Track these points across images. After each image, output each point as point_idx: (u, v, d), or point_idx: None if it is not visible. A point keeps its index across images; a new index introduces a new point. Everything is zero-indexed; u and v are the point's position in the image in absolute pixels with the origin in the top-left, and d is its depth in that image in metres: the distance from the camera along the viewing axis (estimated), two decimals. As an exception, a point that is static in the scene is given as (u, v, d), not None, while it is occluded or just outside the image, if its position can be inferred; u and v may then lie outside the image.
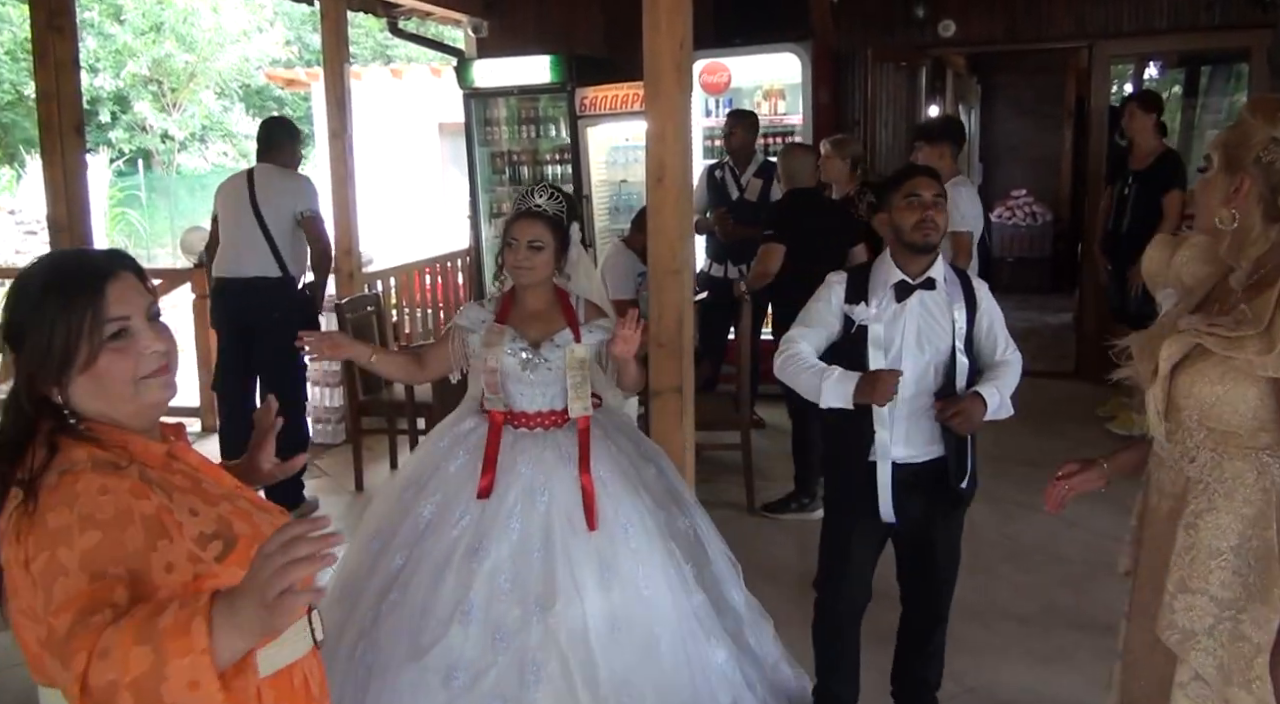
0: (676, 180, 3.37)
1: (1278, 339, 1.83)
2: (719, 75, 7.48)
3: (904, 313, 2.92)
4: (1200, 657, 1.98)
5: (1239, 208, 1.95)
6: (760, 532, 5.05)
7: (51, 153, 4.77)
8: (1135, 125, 6.16)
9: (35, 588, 1.35)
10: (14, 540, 1.39)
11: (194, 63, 19.76)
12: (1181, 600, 2.01)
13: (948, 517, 3.08)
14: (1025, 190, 11.45)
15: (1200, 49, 8.48)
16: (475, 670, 2.79)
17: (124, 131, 19.99)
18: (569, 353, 3.04)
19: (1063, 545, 4.75)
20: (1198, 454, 2.04)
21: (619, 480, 3.08)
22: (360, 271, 6.73)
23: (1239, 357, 1.89)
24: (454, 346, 3.17)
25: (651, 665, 2.89)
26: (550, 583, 2.86)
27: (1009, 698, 3.57)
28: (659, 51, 3.31)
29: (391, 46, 19.76)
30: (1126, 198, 6.22)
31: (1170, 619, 2.02)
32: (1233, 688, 1.95)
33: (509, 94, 8.50)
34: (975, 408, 2.87)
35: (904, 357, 2.91)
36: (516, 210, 3.10)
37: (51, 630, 1.31)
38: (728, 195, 6.39)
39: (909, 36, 7.89)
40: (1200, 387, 1.98)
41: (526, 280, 3.08)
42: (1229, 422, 1.97)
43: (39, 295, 1.49)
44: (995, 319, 3.01)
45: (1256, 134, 1.92)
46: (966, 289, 2.98)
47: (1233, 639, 1.96)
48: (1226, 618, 1.96)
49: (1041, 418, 6.44)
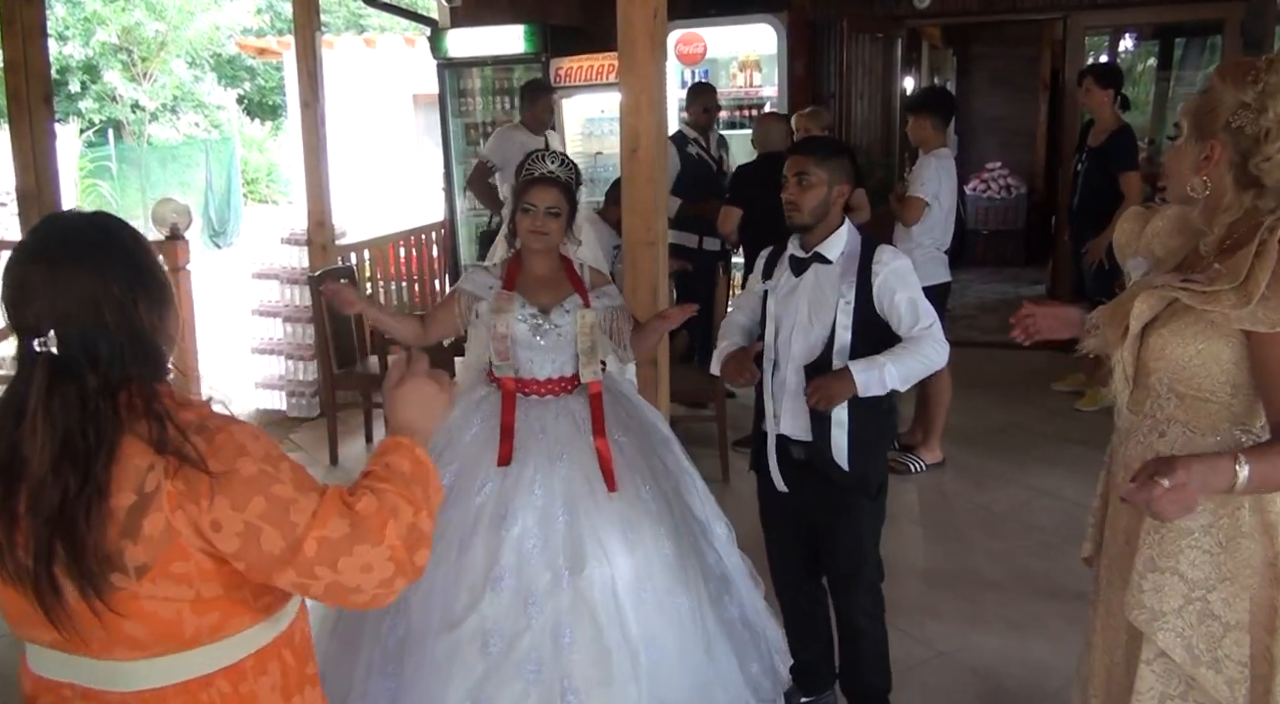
0: (651, 152, 3.36)
1: (1254, 291, 1.81)
2: (694, 46, 7.46)
3: (799, 287, 2.96)
4: (1168, 636, 1.97)
5: (1210, 175, 1.93)
6: (735, 503, 5.08)
7: (19, 123, 4.71)
8: (1092, 100, 6.05)
9: (251, 534, 1.43)
10: (192, 503, 1.42)
11: (164, 31, 19.50)
12: (1150, 580, 1.99)
13: (837, 500, 2.98)
14: (1000, 163, 11.47)
15: (1174, 21, 8.51)
16: (510, 636, 2.81)
17: (94, 101, 19.76)
18: (580, 318, 3.05)
19: (1034, 513, 4.80)
20: (1168, 429, 2.01)
21: (633, 443, 3.12)
22: (334, 244, 6.68)
23: (1215, 310, 1.86)
24: (460, 310, 3.17)
25: (673, 623, 2.95)
26: (578, 546, 2.89)
27: (980, 663, 3.61)
28: (633, 21, 3.30)
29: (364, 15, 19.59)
30: (1079, 173, 6.24)
31: (1138, 598, 2.00)
32: (1201, 667, 1.95)
33: (483, 64, 8.44)
34: (833, 383, 2.80)
35: (795, 331, 2.94)
36: (529, 176, 3.07)
37: (324, 541, 1.45)
38: (708, 170, 6.39)
39: (885, 7, 7.88)
40: (1174, 346, 1.95)
41: (540, 245, 3.07)
42: (1201, 385, 1.95)
43: None
44: (898, 295, 2.86)
45: (1225, 100, 1.90)
46: (864, 264, 2.90)
47: (1202, 618, 1.95)
48: (1196, 597, 1.95)
49: (1012, 388, 6.51)
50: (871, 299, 2.88)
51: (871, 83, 8.03)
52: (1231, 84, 1.90)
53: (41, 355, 1.42)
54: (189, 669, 1.50)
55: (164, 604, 1.45)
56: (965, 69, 12.20)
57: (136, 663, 1.49)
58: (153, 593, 1.44)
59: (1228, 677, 1.94)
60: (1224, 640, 1.94)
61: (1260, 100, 1.86)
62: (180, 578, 1.44)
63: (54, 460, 1.40)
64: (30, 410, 1.41)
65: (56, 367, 1.42)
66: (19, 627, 1.52)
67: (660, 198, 3.42)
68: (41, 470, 1.41)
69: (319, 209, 6.54)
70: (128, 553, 1.41)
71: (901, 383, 2.85)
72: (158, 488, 1.41)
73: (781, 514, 3.15)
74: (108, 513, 1.40)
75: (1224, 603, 1.93)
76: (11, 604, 1.50)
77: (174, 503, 1.42)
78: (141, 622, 1.45)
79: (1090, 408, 6.08)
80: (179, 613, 1.46)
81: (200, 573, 1.45)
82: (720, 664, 3.03)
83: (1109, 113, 6.03)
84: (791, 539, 3.17)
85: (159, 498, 1.41)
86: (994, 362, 7.12)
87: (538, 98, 6.86)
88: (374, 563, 1.48)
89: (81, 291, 1.44)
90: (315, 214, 6.53)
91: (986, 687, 3.50)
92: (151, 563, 1.42)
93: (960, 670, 3.57)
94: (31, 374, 1.42)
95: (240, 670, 1.54)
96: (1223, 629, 1.94)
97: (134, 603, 1.43)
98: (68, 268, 1.45)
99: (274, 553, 1.44)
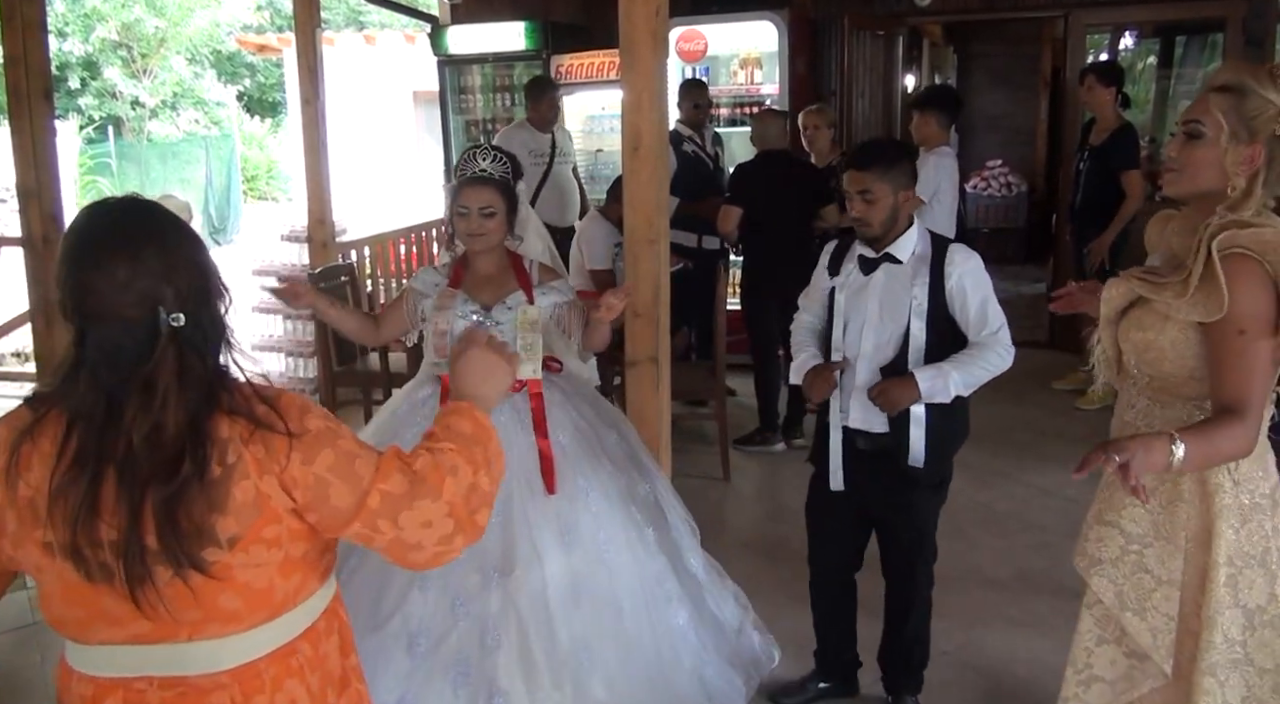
0: (652, 149, 3.35)
1: (1191, 285, 1.98)
2: (696, 43, 7.44)
3: (869, 285, 2.97)
4: (1101, 581, 2.20)
5: (1247, 175, 2.00)
6: (736, 501, 5.08)
7: (19, 119, 4.69)
8: (1094, 98, 6.08)
9: (320, 488, 1.49)
10: (273, 465, 1.47)
11: (164, 28, 19.50)
12: (1095, 531, 2.24)
13: (902, 495, 3.04)
14: (1001, 161, 11.46)
15: (1175, 19, 8.49)
16: (436, 636, 2.80)
17: (94, 98, 19.74)
18: (520, 313, 3.00)
19: (1037, 513, 4.80)
20: (1138, 400, 2.19)
21: (579, 445, 3.08)
22: (334, 241, 6.67)
23: (1158, 300, 2.04)
24: (407, 308, 3.17)
25: (613, 629, 2.92)
26: (510, 548, 2.86)
27: (983, 661, 3.61)
28: (635, 18, 3.28)
29: (364, 12, 19.59)
30: (1080, 172, 6.23)
31: (1083, 547, 2.26)
32: (1127, 613, 2.16)
33: (484, 61, 8.43)
34: (896, 388, 2.87)
35: (865, 328, 2.96)
36: (461, 177, 3.06)
37: (387, 495, 1.52)
38: (705, 168, 6.37)
39: (886, 5, 7.86)
40: (1135, 332, 2.12)
41: (480, 246, 3.07)
42: (1161, 368, 2.09)
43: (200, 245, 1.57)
44: (970, 297, 2.89)
45: (1271, 107, 1.97)
46: (936, 266, 2.93)
47: (1135, 570, 2.16)
48: (1132, 550, 2.17)
49: (1015, 387, 6.47)
50: (944, 300, 2.90)
51: (872, 80, 8.01)
52: (1275, 89, 1.97)
53: (169, 334, 1.44)
54: (278, 636, 1.56)
55: (256, 572, 1.49)
56: (966, 67, 12.19)
57: (228, 639, 1.51)
58: (245, 562, 1.48)
59: (1151, 625, 2.14)
60: (1154, 594, 2.14)
61: None
62: (272, 541, 1.49)
63: (184, 439, 1.43)
64: (161, 390, 1.43)
65: (183, 345, 1.46)
66: (89, 631, 1.51)
67: (662, 195, 3.41)
68: (164, 451, 1.42)
69: (319, 206, 6.53)
70: (219, 525, 1.45)
71: (966, 389, 2.89)
72: (239, 457, 1.46)
73: (834, 505, 3.14)
74: (208, 488, 1.44)
75: (1158, 559, 2.14)
76: (82, 606, 1.49)
77: (258, 469, 1.47)
78: (236, 593, 1.49)
79: (1091, 406, 6.08)
80: (270, 579, 1.51)
81: (290, 533, 1.51)
82: (671, 668, 3.00)
83: (1110, 111, 6.03)
84: (841, 530, 3.19)
85: (242, 466, 1.46)
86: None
87: (543, 95, 6.84)
88: (434, 519, 1.54)
89: (193, 274, 1.49)
90: (315, 211, 6.52)
91: (988, 685, 3.49)
92: (243, 532, 1.47)
93: (962, 669, 3.57)
94: (150, 354, 1.43)
95: (316, 631, 1.62)
96: (1154, 582, 2.14)
97: (229, 573, 1.47)
98: (180, 247, 1.50)
99: (341, 506, 1.51)
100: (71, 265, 1.45)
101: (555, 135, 6.92)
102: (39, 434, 1.46)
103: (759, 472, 5.47)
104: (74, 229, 1.49)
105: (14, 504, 1.46)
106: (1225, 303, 1.93)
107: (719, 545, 3.72)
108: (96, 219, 1.50)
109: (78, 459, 1.43)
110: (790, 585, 3.34)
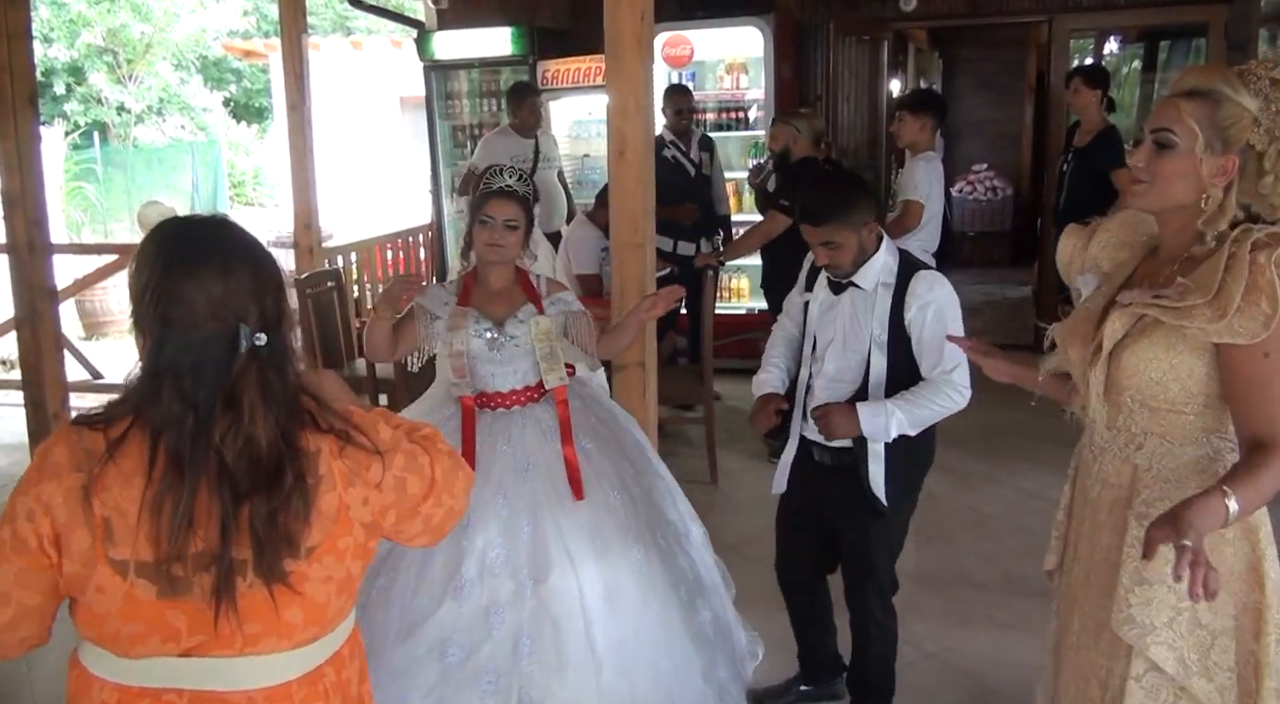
0: (638, 154, 3.36)
1: (1229, 304, 1.80)
2: (682, 48, 7.45)
3: (838, 305, 2.97)
4: (1160, 650, 1.95)
5: (1222, 185, 1.89)
6: (723, 504, 5.08)
7: (4, 125, 4.68)
8: (1080, 100, 6.13)
9: (400, 486, 1.60)
10: (359, 477, 1.56)
11: (150, 33, 19.41)
12: (1138, 593, 1.96)
13: (859, 516, 2.98)
14: (986, 165, 11.51)
15: (1159, 24, 8.54)
16: (469, 646, 2.79)
17: (79, 104, 19.63)
18: (534, 324, 3.04)
19: (1023, 516, 4.81)
20: (1145, 441, 2.01)
21: (602, 449, 3.10)
22: (320, 246, 6.67)
23: (1191, 326, 1.85)
24: (420, 327, 3.14)
25: (644, 631, 2.93)
26: (544, 556, 2.87)
27: (969, 664, 3.62)
28: (620, 24, 3.29)
29: (351, 17, 19.52)
30: (1064, 174, 6.27)
31: (1127, 613, 1.97)
32: (1194, 678, 1.94)
33: (470, 67, 8.43)
34: (837, 416, 2.82)
35: (830, 348, 2.97)
36: (488, 189, 3.07)
37: (444, 471, 1.66)
38: (685, 174, 6.36)
39: (871, 10, 7.90)
40: (1146, 363, 1.94)
41: (498, 258, 3.06)
42: (1174, 399, 1.95)
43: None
44: (926, 331, 2.82)
45: (1247, 114, 1.86)
46: (898, 294, 2.87)
47: (1191, 628, 1.94)
48: (1184, 607, 1.93)
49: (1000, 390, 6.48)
50: (908, 330, 2.87)
51: (858, 85, 8.04)
52: (1250, 96, 1.86)
53: (249, 350, 1.47)
54: (313, 659, 1.58)
55: (321, 585, 1.53)
56: (951, 72, 12.24)
57: (273, 656, 1.53)
58: (317, 572, 1.52)
59: (1219, 684, 1.94)
60: (1212, 648, 1.94)
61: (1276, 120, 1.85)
62: (342, 553, 1.55)
63: (280, 452, 1.47)
64: (247, 405, 1.46)
65: (264, 362, 1.49)
66: (140, 646, 1.48)
67: (648, 200, 3.42)
68: (263, 464, 1.46)
69: (305, 212, 6.52)
70: (303, 535, 1.48)
71: (911, 429, 2.85)
72: (329, 470, 1.52)
73: (801, 519, 3.17)
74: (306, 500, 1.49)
75: (1209, 610, 1.93)
76: (142, 622, 1.47)
77: (346, 481, 1.54)
78: (300, 606, 1.52)
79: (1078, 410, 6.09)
80: (329, 595, 1.55)
81: (356, 548, 1.57)
82: (688, 670, 3.01)
83: (1096, 113, 6.07)
84: (804, 540, 3.19)
85: (330, 478, 1.52)
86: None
87: (523, 100, 6.84)
88: (468, 485, 1.72)
89: (277, 296, 1.55)
90: (302, 217, 6.51)
91: (975, 687, 3.51)
92: (321, 541, 1.51)
93: (949, 671, 3.58)
94: (231, 369, 1.46)
95: (341, 657, 1.65)
96: (1210, 637, 1.94)
97: (302, 585, 1.50)
98: (269, 269, 1.54)
99: (417, 493, 1.62)
100: (162, 273, 1.46)
101: (539, 140, 6.92)
102: (125, 451, 1.45)
103: (746, 476, 5.47)
104: (163, 238, 1.51)
105: (88, 524, 1.43)
106: (1273, 321, 1.78)
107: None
108: (190, 230, 1.53)
109: (172, 471, 1.43)
110: (775, 589, 3.36)
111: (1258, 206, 1.92)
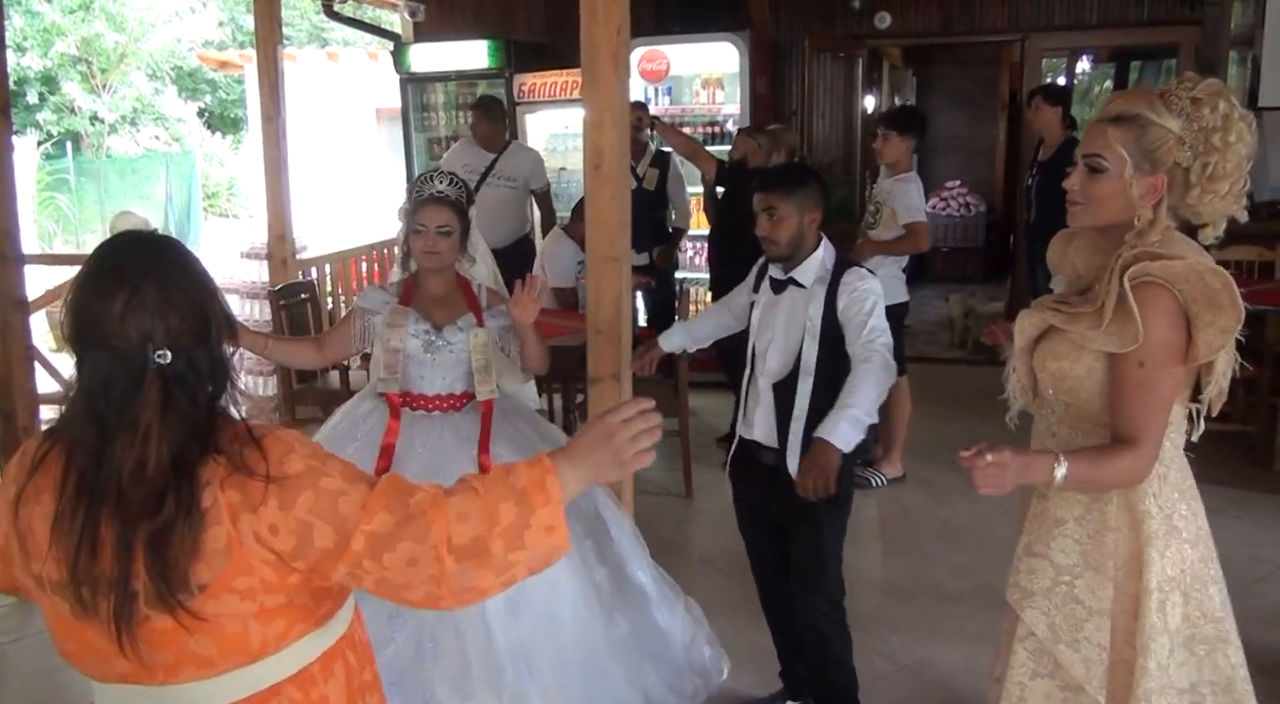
0: (614, 168, 3.37)
1: (1106, 315, 1.96)
2: (658, 63, 7.49)
3: (778, 304, 3.04)
4: (1034, 614, 2.16)
5: (1152, 204, 2.00)
6: (698, 518, 5.09)
7: (-24, 134, 4.65)
8: (1041, 117, 6.29)
9: (304, 531, 1.43)
10: (249, 512, 1.43)
11: (124, 43, 19.33)
12: (1026, 562, 2.20)
13: (802, 510, 2.95)
14: (959, 181, 11.59)
15: (1130, 44, 8.65)
16: (373, 647, 2.80)
17: (52, 113, 19.52)
18: (472, 336, 3.11)
19: (996, 528, 4.83)
20: (1058, 429, 2.18)
21: (518, 458, 3.08)
22: (294, 258, 6.63)
23: (1074, 331, 2.03)
24: (356, 328, 3.20)
25: (550, 640, 2.94)
26: None
27: (942, 675, 3.64)
28: (596, 38, 3.31)
29: (327, 29, 19.50)
30: (1030, 189, 6.38)
31: (1015, 579, 2.21)
32: (1060, 646, 2.12)
33: (446, 79, 8.43)
34: (822, 456, 2.75)
35: (771, 347, 3.03)
36: (419, 197, 3.12)
37: (372, 536, 1.43)
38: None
39: (846, 27, 7.97)
40: (1050, 361, 2.10)
41: (435, 264, 3.12)
42: (1078, 396, 2.09)
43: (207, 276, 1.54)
44: (855, 315, 2.89)
45: (1171, 135, 1.96)
46: (832, 287, 2.94)
47: (1066, 601, 2.13)
48: (1063, 581, 2.14)
49: (971, 403, 6.53)
50: (836, 321, 2.94)
51: (833, 101, 8.10)
52: (1172, 117, 1.96)
53: (155, 370, 1.43)
54: (258, 680, 1.51)
55: (229, 619, 1.45)
56: (925, 89, 12.34)
57: (204, 683, 1.48)
58: (216, 610, 1.43)
59: (1084, 656, 2.11)
60: (1086, 624, 2.11)
61: (1202, 137, 1.94)
62: (244, 592, 1.44)
63: (165, 477, 1.41)
64: (144, 425, 1.41)
65: (169, 382, 1.43)
66: (87, 665, 1.50)
67: (624, 214, 3.43)
68: (147, 488, 1.40)
69: (280, 223, 6.49)
70: (192, 570, 1.41)
71: (871, 414, 2.84)
72: (215, 501, 1.42)
73: (753, 520, 3.23)
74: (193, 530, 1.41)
75: (1088, 589, 2.11)
76: (77, 642, 1.48)
77: (232, 514, 1.43)
78: (208, 637, 1.45)
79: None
80: (244, 625, 1.46)
81: (264, 585, 1.45)
82: (604, 676, 3.02)
83: (1057, 128, 6.24)
84: (764, 544, 3.23)
85: (216, 511, 1.42)
86: (954, 377, 7.20)
87: (481, 116, 6.67)
88: (419, 557, 1.43)
89: (194, 310, 1.46)
90: (276, 228, 6.48)
91: (948, 699, 3.52)
92: (212, 579, 1.42)
93: (922, 683, 3.59)
94: (138, 389, 1.42)
95: (309, 675, 1.55)
96: (1086, 613, 2.11)
97: (199, 619, 1.43)
98: (180, 286, 1.47)
99: (326, 547, 1.44)
100: (76, 291, 1.46)
101: (500, 157, 6.70)
102: (45, 468, 1.46)
103: (721, 489, 5.44)
104: (91, 257, 1.50)
105: (17, 534, 1.46)
106: (1140, 334, 1.92)
107: (681, 562, 3.74)
108: (112, 249, 1.51)
109: (77, 492, 1.42)
110: (752, 603, 3.36)
111: (1188, 216, 2.04)
